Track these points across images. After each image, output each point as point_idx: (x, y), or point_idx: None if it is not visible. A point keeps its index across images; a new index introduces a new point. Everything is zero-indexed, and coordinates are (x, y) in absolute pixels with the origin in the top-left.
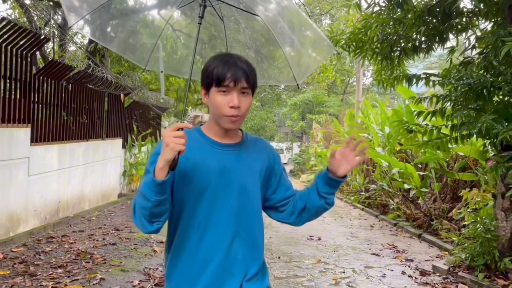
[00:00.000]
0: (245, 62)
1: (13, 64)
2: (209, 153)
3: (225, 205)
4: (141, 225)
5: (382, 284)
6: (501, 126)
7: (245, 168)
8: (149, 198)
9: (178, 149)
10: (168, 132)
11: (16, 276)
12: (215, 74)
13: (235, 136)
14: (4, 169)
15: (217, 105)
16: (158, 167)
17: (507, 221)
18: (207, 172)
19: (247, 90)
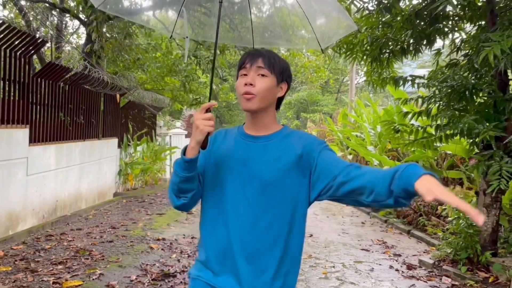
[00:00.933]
0: (271, 53)
1: (12, 66)
2: (237, 144)
3: (245, 195)
4: (171, 198)
5: (370, 277)
6: (482, 126)
7: (271, 160)
8: (178, 173)
9: (207, 131)
10: (198, 115)
11: (18, 272)
12: (240, 62)
13: (268, 129)
14: (4, 169)
15: (237, 86)
16: (190, 147)
17: (489, 217)
18: (231, 161)
19: (264, 71)
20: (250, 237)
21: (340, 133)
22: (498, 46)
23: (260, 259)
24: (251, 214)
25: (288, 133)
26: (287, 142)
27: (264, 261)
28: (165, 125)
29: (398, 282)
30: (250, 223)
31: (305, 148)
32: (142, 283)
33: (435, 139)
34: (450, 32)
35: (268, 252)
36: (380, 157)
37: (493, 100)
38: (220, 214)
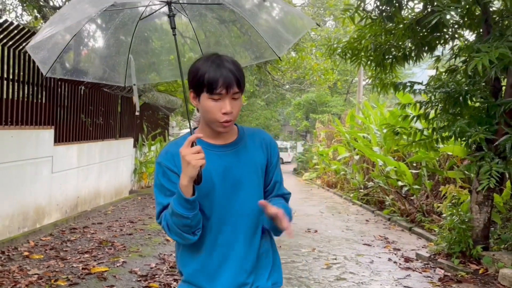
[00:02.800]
0: (232, 62)
1: (39, 72)
2: (209, 157)
3: (236, 204)
4: (184, 239)
5: (369, 268)
6: (474, 129)
7: (247, 165)
8: (187, 215)
9: (200, 164)
10: (186, 150)
11: (49, 260)
12: (206, 80)
13: (230, 135)
14: (32, 166)
15: (209, 111)
16: (183, 185)
17: (481, 214)
18: (210, 176)
19: (238, 95)
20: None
21: (347, 134)
22: (487, 56)
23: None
24: (243, 222)
25: (249, 134)
26: (253, 144)
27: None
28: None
29: (395, 273)
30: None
31: (268, 152)
32: (161, 270)
33: (433, 140)
34: (450, 39)
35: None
36: (384, 158)
37: (486, 105)
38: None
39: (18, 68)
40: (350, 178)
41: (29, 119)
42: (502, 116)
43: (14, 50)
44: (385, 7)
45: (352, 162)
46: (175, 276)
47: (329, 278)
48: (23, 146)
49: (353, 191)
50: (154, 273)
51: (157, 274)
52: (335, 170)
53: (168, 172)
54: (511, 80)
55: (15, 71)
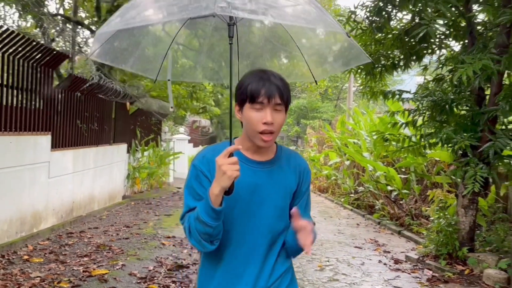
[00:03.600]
0: (279, 78)
1: (37, 79)
2: (242, 171)
3: (257, 222)
4: (202, 246)
5: (361, 270)
6: (460, 136)
7: (277, 186)
8: (211, 224)
9: (235, 175)
10: (222, 160)
11: (50, 263)
12: (249, 91)
13: (268, 152)
14: (30, 172)
15: (250, 121)
16: (213, 194)
17: (466, 217)
18: (240, 189)
19: (280, 107)
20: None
21: (338, 139)
22: (471, 67)
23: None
24: (262, 241)
25: (286, 155)
26: (288, 167)
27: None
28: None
29: (385, 274)
30: (261, 250)
31: (300, 179)
32: (159, 272)
33: (421, 147)
34: (437, 49)
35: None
36: (374, 163)
37: (471, 113)
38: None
39: (17, 75)
40: (341, 183)
41: (27, 125)
42: (486, 124)
43: (14, 57)
44: (375, 18)
45: (343, 167)
46: (173, 278)
47: (322, 279)
48: (22, 152)
49: (344, 196)
50: (153, 275)
51: (155, 276)
52: (326, 175)
53: (201, 176)
54: (494, 90)
55: (14, 78)
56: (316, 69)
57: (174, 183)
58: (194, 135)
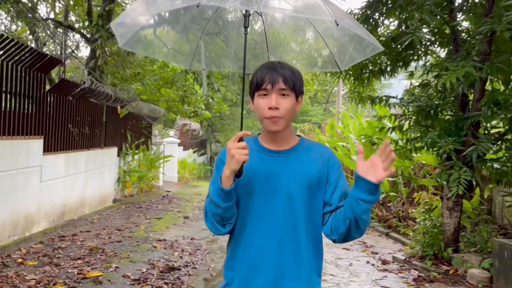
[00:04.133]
0: (286, 67)
1: (29, 83)
2: (258, 159)
3: (270, 211)
4: (214, 228)
5: (348, 270)
6: (444, 141)
7: (293, 175)
8: (220, 205)
9: (243, 160)
10: (232, 144)
11: (44, 266)
12: (255, 80)
13: (287, 142)
14: (23, 175)
15: (258, 108)
16: (224, 176)
17: (451, 218)
18: (254, 178)
19: (287, 92)
20: (276, 252)
21: (327, 143)
22: (454, 74)
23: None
24: (276, 229)
25: (307, 146)
26: (309, 157)
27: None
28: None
29: (372, 274)
30: (275, 238)
31: (324, 168)
32: (152, 274)
33: (407, 150)
34: (423, 55)
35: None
36: None
37: (455, 118)
38: (243, 229)
39: (11, 80)
40: None
41: (20, 130)
42: (469, 129)
43: (7, 62)
44: (363, 25)
45: None
46: (165, 280)
47: None
48: (15, 156)
49: None
50: (146, 277)
51: (148, 278)
52: None
53: (222, 166)
54: (477, 96)
55: (8, 83)
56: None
57: (163, 186)
58: (184, 138)
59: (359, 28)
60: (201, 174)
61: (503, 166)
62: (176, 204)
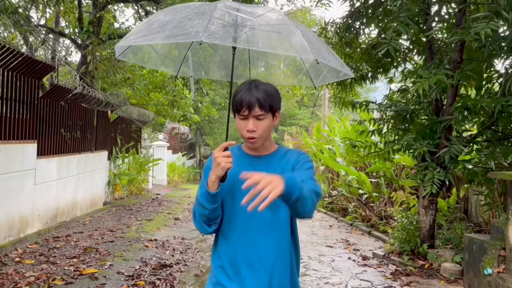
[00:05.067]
0: (262, 90)
1: (23, 89)
2: (242, 164)
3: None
4: (201, 228)
5: (331, 266)
6: (419, 143)
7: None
8: (206, 206)
9: (227, 167)
10: (218, 153)
11: (41, 264)
12: (235, 103)
13: (267, 149)
14: (17, 178)
15: (238, 127)
16: (210, 180)
17: (427, 216)
18: (238, 180)
19: (263, 116)
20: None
21: (314, 146)
22: (427, 82)
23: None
24: (260, 227)
25: (285, 151)
26: (286, 160)
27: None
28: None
29: (353, 269)
30: (260, 236)
31: (294, 163)
32: (145, 271)
33: (385, 152)
34: (402, 62)
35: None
36: (346, 168)
37: (429, 122)
38: (231, 229)
39: (6, 86)
40: None
41: (15, 134)
42: (442, 132)
43: (3, 69)
44: (344, 33)
45: (318, 172)
46: (158, 276)
47: None
48: (10, 159)
49: None
50: (139, 274)
51: (141, 275)
52: None
53: (209, 172)
54: (449, 101)
55: (3, 89)
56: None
57: (153, 189)
58: (173, 142)
59: (334, 60)
60: (190, 177)
61: (474, 167)
62: (166, 206)
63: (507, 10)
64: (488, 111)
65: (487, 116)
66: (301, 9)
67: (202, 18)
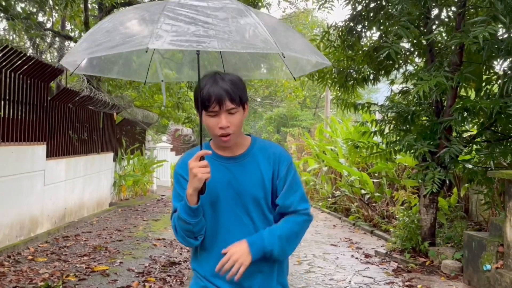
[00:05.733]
0: (229, 80)
1: (33, 92)
2: (216, 167)
3: (237, 215)
4: (187, 242)
5: (335, 263)
6: (420, 144)
7: (251, 177)
8: (190, 222)
9: (205, 178)
10: (193, 163)
11: (53, 262)
12: (201, 99)
13: (240, 147)
14: (28, 179)
15: (208, 127)
16: (188, 194)
17: (427, 215)
18: (215, 186)
19: (234, 110)
20: None
21: (316, 147)
22: (427, 84)
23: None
24: (243, 230)
25: (260, 147)
26: (262, 159)
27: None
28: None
29: (356, 266)
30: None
31: (275, 166)
32: (155, 268)
33: (387, 153)
34: (403, 63)
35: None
36: (349, 169)
37: (430, 123)
38: (214, 236)
39: (17, 89)
40: (319, 188)
41: (26, 136)
42: (442, 132)
43: (15, 73)
44: (347, 36)
45: (321, 173)
46: (168, 273)
47: (300, 272)
48: (21, 161)
49: (322, 200)
50: (149, 271)
51: (151, 271)
52: (305, 181)
53: (181, 180)
54: (449, 102)
55: (15, 93)
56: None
57: (157, 190)
58: (176, 143)
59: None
60: None
61: (474, 167)
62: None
63: (504, 14)
64: (487, 112)
65: (486, 117)
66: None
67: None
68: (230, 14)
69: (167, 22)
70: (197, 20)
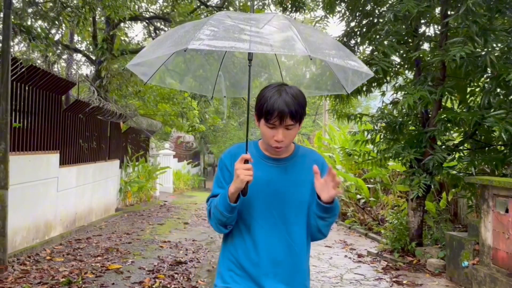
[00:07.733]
0: (292, 96)
1: (49, 104)
2: (260, 166)
3: (273, 214)
4: (218, 229)
5: (328, 262)
6: (407, 152)
7: (291, 181)
8: (225, 215)
9: (247, 179)
10: (238, 165)
11: (70, 261)
12: (264, 110)
13: (285, 152)
14: (42, 186)
15: (264, 135)
16: (230, 191)
17: (415, 217)
18: (256, 183)
19: (292, 126)
20: (277, 252)
21: None
22: (412, 97)
23: (284, 273)
24: (278, 230)
25: (303, 153)
26: (304, 164)
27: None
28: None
29: (348, 265)
30: (277, 239)
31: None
32: (163, 267)
33: (378, 160)
34: (394, 76)
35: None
36: (345, 175)
37: (416, 132)
38: (247, 231)
39: (34, 102)
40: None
41: (41, 145)
42: (427, 141)
43: (33, 87)
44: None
45: None
46: (175, 271)
47: None
48: (37, 168)
49: None
50: (159, 269)
51: (160, 270)
52: None
53: (224, 169)
54: (433, 114)
55: (32, 105)
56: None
57: (160, 196)
58: (178, 150)
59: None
60: (195, 185)
61: (457, 173)
62: (175, 212)
63: (479, 36)
64: (467, 123)
65: (468, 127)
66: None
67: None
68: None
69: (209, 28)
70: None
